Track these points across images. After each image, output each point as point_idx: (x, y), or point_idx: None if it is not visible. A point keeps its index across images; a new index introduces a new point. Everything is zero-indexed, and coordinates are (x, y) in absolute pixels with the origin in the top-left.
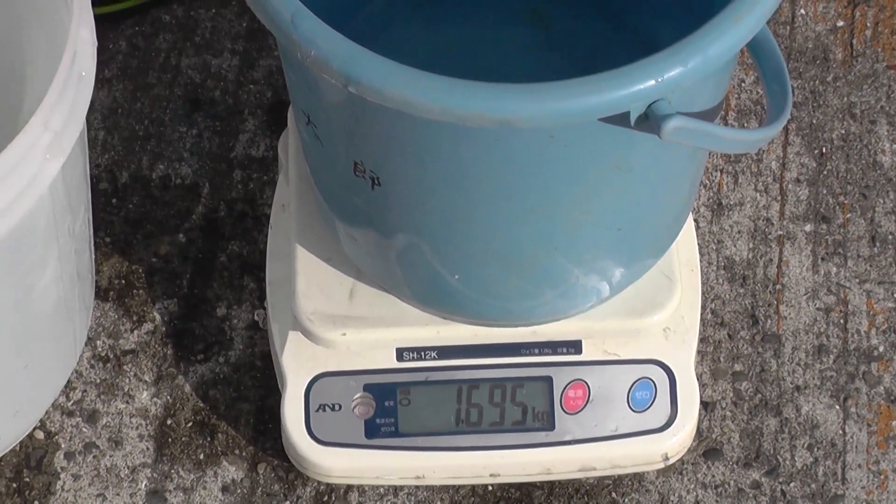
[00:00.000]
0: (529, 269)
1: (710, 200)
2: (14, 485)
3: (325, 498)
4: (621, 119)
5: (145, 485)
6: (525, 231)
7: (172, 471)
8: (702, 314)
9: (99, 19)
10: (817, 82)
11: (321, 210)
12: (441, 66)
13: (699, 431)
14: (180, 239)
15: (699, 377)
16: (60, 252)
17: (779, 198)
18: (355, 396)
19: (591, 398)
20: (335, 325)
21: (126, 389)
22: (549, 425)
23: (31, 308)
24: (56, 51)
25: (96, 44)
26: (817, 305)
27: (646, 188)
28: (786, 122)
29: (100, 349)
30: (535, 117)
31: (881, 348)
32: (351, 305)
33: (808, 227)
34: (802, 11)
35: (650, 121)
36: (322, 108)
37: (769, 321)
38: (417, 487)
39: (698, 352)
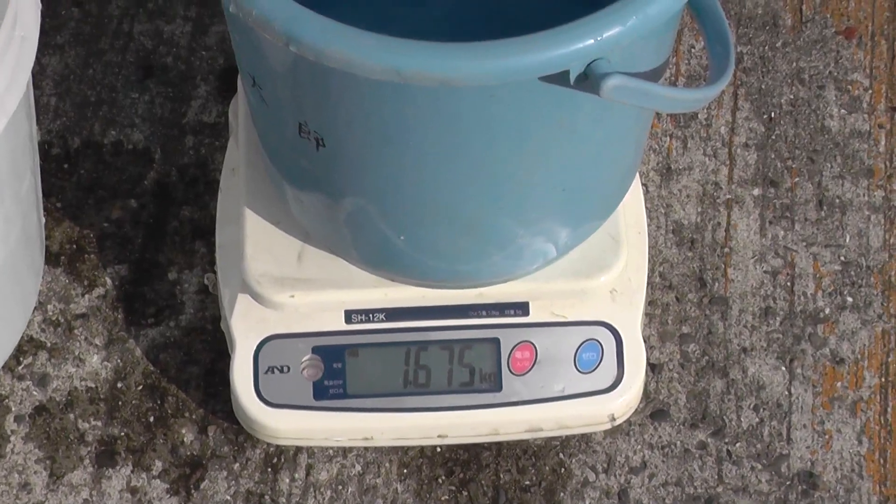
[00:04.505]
0: (475, 230)
1: (660, 165)
2: None
3: (275, 460)
4: (561, 78)
5: (95, 447)
6: (469, 191)
7: (123, 433)
8: (650, 277)
9: None
10: (766, 48)
11: (270, 173)
12: (386, 28)
13: (646, 393)
14: (132, 204)
15: (647, 339)
16: (6, 215)
17: (727, 162)
18: (304, 359)
19: (538, 359)
20: (283, 288)
21: (77, 353)
22: (497, 387)
23: None
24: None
25: (40, 6)
26: (764, 268)
27: (590, 149)
28: (727, 83)
29: (50, 313)
30: (475, 76)
31: (827, 310)
32: (299, 268)
33: (756, 191)
34: None
35: (590, 80)
36: (266, 69)
37: (717, 284)
38: (366, 449)
39: (646, 314)
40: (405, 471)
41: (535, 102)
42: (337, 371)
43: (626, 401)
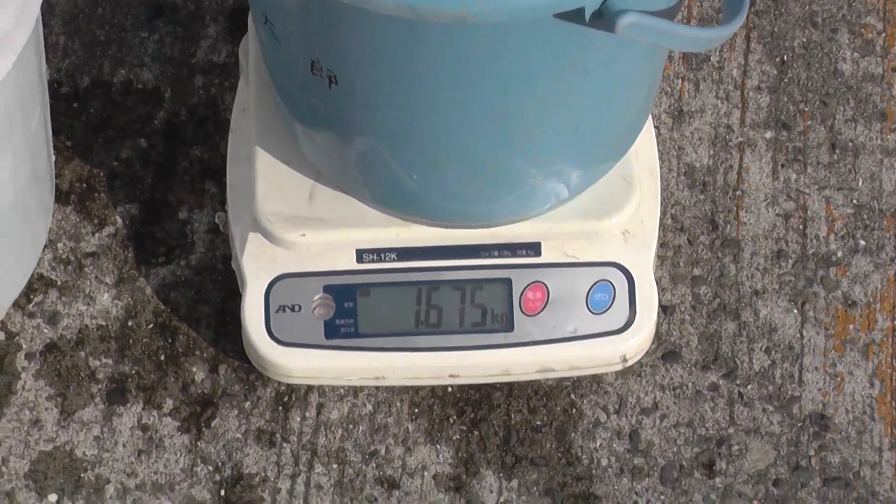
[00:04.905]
0: (487, 170)
1: (672, 107)
2: None
3: (286, 398)
4: (576, 15)
5: (106, 385)
6: (481, 130)
7: (133, 371)
8: (662, 220)
9: None
10: None
11: (280, 112)
12: None
13: (658, 334)
14: (142, 143)
15: (659, 281)
16: (15, 151)
17: (740, 105)
18: (315, 297)
19: (549, 300)
20: (295, 227)
21: (87, 291)
22: (509, 327)
23: None
24: None
25: None
26: (777, 211)
27: (603, 89)
28: (741, 23)
29: (61, 251)
30: (489, 12)
31: (839, 253)
32: (311, 207)
33: (768, 134)
34: None
35: (605, 17)
36: (278, 5)
37: (729, 226)
38: (377, 388)
39: (658, 256)
40: (416, 410)
41: (549, 41)
42: (348, 310)
43: (637, 342)
